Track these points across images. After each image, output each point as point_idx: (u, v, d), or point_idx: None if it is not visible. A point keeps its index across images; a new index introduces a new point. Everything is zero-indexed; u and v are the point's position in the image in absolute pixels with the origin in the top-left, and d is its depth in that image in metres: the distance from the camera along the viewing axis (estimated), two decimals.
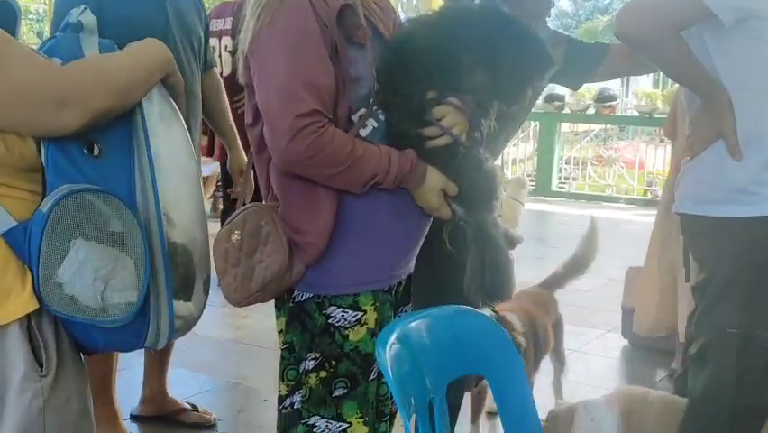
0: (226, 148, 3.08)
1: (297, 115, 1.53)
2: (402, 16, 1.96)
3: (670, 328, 3.58)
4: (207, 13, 3.00)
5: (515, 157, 11.16)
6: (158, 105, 1.62)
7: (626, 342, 4.36)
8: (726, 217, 1.85)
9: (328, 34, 1.59)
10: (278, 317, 1.81)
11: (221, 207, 6.26)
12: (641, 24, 1.74)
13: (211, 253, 1.75)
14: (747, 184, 1.83)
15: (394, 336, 1.41)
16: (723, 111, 1.81)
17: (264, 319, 1.89)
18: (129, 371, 3.30)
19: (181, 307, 1.65)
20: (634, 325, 3.75)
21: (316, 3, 1.59)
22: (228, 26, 4.46)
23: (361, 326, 1.70)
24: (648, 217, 5.13)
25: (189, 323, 1.70)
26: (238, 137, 3.04)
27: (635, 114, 10.35)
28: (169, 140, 1.63)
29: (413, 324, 1.51)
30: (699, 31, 1.80)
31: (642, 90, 10.49)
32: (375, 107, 1.67)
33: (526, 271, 5.36)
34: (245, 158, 3.07)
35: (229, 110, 3.07)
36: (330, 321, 1.70)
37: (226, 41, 4.47)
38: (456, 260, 1.79)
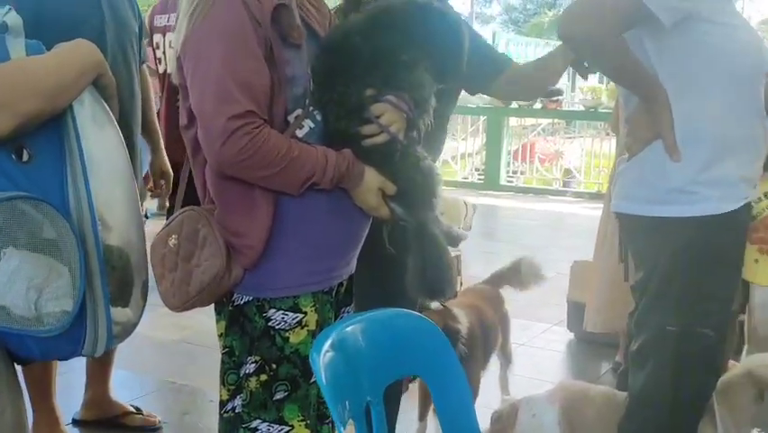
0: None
1: (231, 116, 1.51)
2: None
3: (621, 325, 3.60)
4: (151, 8, 2.95)
5: (464, 151, 11.23)
6: (89, 107, 1.57)
7: (572, 335, 4.42)
8: (664, 217, 1.86)
9: (262, 34, 1.57)
10: (218, 321, 1.79)
11: (167, 204, 6.17)
12: (585, 26, 1.75)
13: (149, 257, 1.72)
14: (685, 184, 1.84)
15: (329, 342, 1.41)
16: (662, 111, 1.83)
17: (208, 320, 1.86)
18: (70, 374, 3.23)
19: (119, 313, 1.61)
20: (585, 322, 3.77)
21: (250, 2, 1.57)
22: (173, 22, 4.38)
23: (302, 328, 1.69)
24: (595, 211, 5.21)
25: (128, 329, 1.67)
26: (161, 138, 3.02)
27: (582, 108, 10.47)
28: (101, 142, 1.59)
29: (349, 328, 1.51)
30: (638, 32, 1.81)
31: (587, 85, 10.63)
32: (311, 108, 1.65)
33: (475, 265, 5.42)
34: (166, 160, 3.07)
35: (154, 109, 3.04)
36: (270, 324, 1.68)
37: (170, 37, 4.40)
38: (397, 259, 1.79)
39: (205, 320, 2.08)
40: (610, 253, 3.48)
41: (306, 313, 1.69)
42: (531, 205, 9.25)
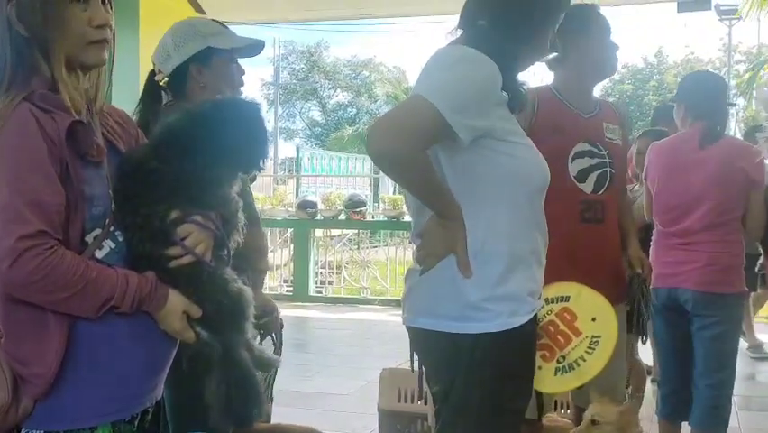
0: None
1: (21, 235, 1.44)
2: None
3: None
4: None
5: (271, 263, 11.20)
6: None
7: None
8: (459, 334, 1.87)
9: (57, 152, 1.52)
10: None
11: None
12: (391, 142, 1.75)
13: None
14: (478, 301, 1.86)
15: None
16: (456, 228, 1.86)
17: None
18: None
19: None
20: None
21: (44, 121, 1.52)
22: None
23: None
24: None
25: None
26: None
27: (384, 218, 10.82)
28: None
29: None
30: (434, 148, 1.85)
31: (389, 196, 11.05)
32: (112, 228, 1.61)
33: (288, 378, 5.34)
34: None
35: None
36: None
37: None
38: (202, 384, 1.73)
39: None
40: None
41: None
42: (341, 314, 9.32)
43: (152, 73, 2.51)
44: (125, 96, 1.75)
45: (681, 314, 3.41)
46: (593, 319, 2.40)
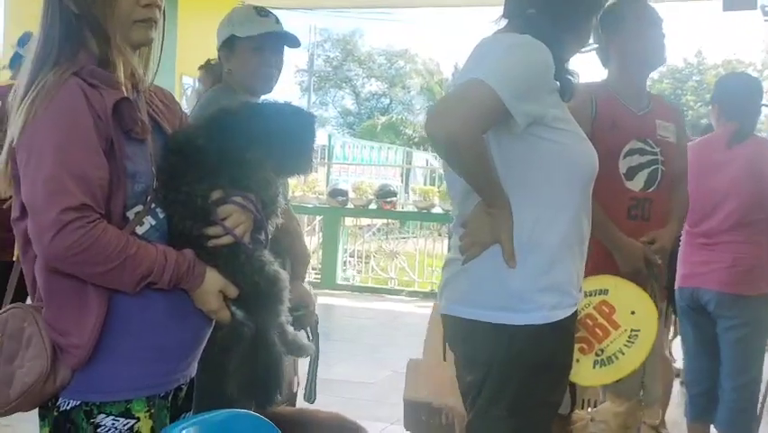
0: None
1: (64, 208, 1.46)
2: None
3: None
4: None
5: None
6: None
7: None
8: (500, 324, 1.87)
9: (103, 127, 1.54)
10: (41, 428, 1.66)
11: None
12: (452, 124, 1.74)
13: None
14: (522, 291, 1.86)
15: None
16: (504, 217, 1.85)
17: (30, 428, 1.73)
18: None
19: None
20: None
21: (91, 95, 1.54)
22: None
23: None
24: (429, 309, 5.33)
25: None
26: None
27: (415, 209, 10.82)
28: None
29: (184, 432, 1.45)
30: (486, 136, 1.83)
31: (420, 187, 11.03)
32: (153, 205, 1.62)
33: None
34: None
35: None
36: (99, 431, 1.58)
37: None
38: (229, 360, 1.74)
39: (28, 428, 1.93)
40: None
41: (138, 419, 1.60)
42: (368, 304, 9.34)
43: None
44: (163, 75, 1.77)
45: (705, 315, 3.39)
46: (632, 313, 2.39)
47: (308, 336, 2.62)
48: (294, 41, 2.67)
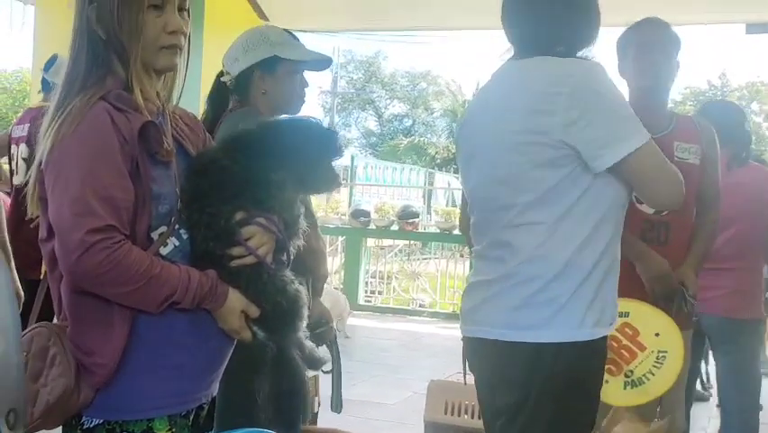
0: None
1: (90, 229, 1.49)
2: None
3: None
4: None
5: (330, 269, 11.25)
6: None
7: None
8: (541, 343, 1.86)
9: (129, 150, 1.57)
10: None
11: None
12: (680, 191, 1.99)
13: None
14: (572, 309, 1.86)
15: None
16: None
17: None
18: None
19: None
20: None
21: (117, 119, 1.57)
22: (25, 132, 4.26)
23: None
24: (449, 330, 5.32)
25: None
26: (11, 257, 2.94)
27: (437, 230, 10.82)
28: None
29: None
30: (573, 170, 1.90)
31: (442, 209, 11.04)
32: (177, 226, 1.65)
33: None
34: (16, 278, 2.98)
35: (4, 226, 2.97)
36: None
37: (22, 148, 4.26)
38: (251, 383, 1.76)
39: None
40: None
41: None
42: (389, 324, 9.33)
43: (221, 74, 2.59)
44: (188, 98, 1.81)
45: (701, 339, 3.41)
46: (656, 335, 2.39)
47: (331, 352, 2.63)
48: (329, 64, 2.71)
